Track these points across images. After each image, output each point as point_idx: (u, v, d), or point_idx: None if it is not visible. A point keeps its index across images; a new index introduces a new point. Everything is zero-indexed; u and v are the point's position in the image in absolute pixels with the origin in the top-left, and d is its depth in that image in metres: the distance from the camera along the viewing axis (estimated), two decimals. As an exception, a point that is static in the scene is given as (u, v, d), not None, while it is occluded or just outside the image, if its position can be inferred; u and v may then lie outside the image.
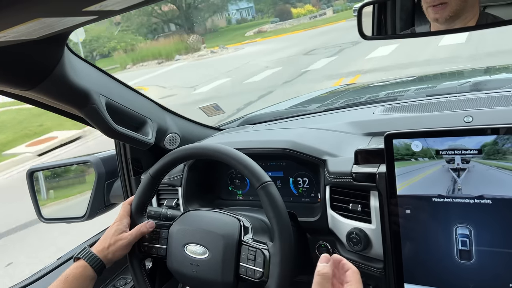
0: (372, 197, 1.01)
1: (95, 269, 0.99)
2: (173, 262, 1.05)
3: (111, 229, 1.06)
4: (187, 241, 1.03)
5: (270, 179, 0.97)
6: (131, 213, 1.11)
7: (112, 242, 1.03)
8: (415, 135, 0.89)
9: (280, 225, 0.93)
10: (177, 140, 1.48)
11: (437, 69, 7.03)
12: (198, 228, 1.04)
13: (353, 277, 0.77)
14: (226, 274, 0.97)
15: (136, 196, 1.12)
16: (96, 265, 0.99)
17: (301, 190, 1.29)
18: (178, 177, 1.35)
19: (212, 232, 1.01)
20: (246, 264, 0.95)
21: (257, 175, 0.96)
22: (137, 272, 1.09)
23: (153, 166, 1.10)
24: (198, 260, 1.01)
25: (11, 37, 0.73)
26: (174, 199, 1.38)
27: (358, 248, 1.04)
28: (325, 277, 0.75)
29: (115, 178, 1.57)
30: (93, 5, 0.61)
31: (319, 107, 1.70)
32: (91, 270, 0.98)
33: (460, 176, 0.85)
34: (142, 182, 1.12)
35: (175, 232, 1.06)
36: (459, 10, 0.94)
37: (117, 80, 1.28)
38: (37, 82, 0.95)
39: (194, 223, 1.06)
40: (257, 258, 0.94)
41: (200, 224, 1.04)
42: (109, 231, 1.06)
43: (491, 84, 1.53)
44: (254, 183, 0.96)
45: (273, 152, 1.22)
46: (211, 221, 1.05)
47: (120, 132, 1.21)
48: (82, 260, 0.99)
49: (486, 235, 0.84)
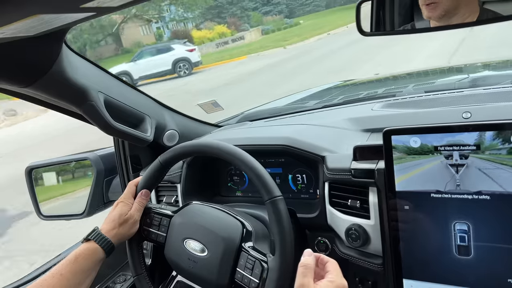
0: (371, 193, 1.02)
1: (105, 250, 0.98)
2: (170, 252, 1.05)
3: (118, 209, 1.05)
4: (187, 235, 1.03)
5: (280, 194, 0.95)
6: (135, 195, 1.11)
7: (121, 222, 1.03)
8: (413, 131, 0.89)
9: (283, 243, 0.92)
10: (176, 136, 1.48)
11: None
12: (200, 225, 1.03)
13: (332, 267, 0.80)
14: (222, 276, 0.96)
15: (143, 179, 1.11)
16: (107, 246, 0.98)
17: (300, 187, 1.29)
18: (177, 174, 1.35)
19: (213, 232, 1.01)
20: (243, 272, 0.94)
21: (268, 188, 0.95)
22: (134, 253, 1.09)
23: (164, 153, 1.10)
24: (196, 257, 1.01)
25: (9, 33, 0.73)
26: (173, 196, 1.39)
27: (357, 244, 1.04)
28: (308, 268, 0.79)
29: (114, 175, 1.57)
30: (91, 2, 0.60)
31: (318, 103, 1.70)
32: (102, 251, 0.98)
33: (458, 172, 0.85)
34: (151, 167, 1.11)
35: (177, 224, 1.06)
36: (452, 9, 0.95)
37: (115, 77, 1.28)
38: (35, 79, 0.95)
39: (197, 219, 1.05)
40: (255, 268, 0.93)
41: (203, 221, 1.04)
42: (115, 212, 1.04)
43: (490, 80, 1.53)
44: (264, 195, 0.95)
45: (272, 149, 1.22)
46: (214, 220, 1.04)
47: (118, 129, 1.21)
48: (93, 241, 0.98)
49: (484, 230, 0.84)
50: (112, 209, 1.06)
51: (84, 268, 0.94)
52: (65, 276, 0.91)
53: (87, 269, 0.95)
